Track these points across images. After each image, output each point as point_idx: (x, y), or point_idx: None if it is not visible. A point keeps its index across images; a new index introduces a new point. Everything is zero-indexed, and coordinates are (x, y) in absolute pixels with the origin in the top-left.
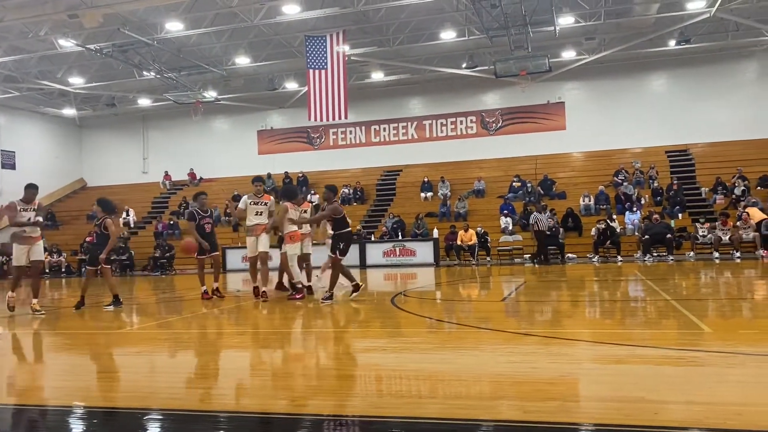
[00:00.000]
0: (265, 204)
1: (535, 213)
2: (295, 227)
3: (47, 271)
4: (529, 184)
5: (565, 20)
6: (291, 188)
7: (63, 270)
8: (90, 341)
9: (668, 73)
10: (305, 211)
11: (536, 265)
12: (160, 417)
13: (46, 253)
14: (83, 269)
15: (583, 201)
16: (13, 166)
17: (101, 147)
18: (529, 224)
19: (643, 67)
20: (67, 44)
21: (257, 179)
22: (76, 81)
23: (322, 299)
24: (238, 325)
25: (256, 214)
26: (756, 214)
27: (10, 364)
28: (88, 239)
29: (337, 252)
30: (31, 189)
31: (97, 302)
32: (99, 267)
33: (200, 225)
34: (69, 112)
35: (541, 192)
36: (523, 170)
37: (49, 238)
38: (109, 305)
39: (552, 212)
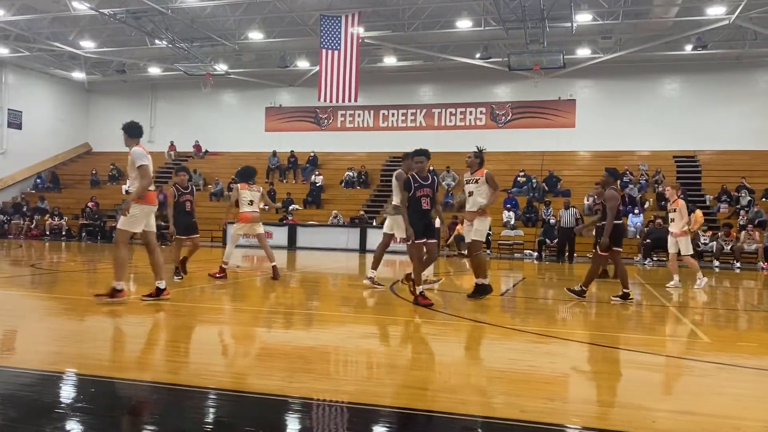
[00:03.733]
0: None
1: (561, 210)
2: (243, 209)
3: (48, 233)
4: (534, 180)
5: (583, 17)
6: (245, 169)
7: (63, 233)
8: (87, 308)
9: (681, 78)
10: (258, 190)
11: (561, 263)
12: (151, 389)
13: (47, 215)
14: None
15: (587, 200)
16: (19, 126)
17: (108, 113)
18: (544, 220)
19: (657, 69)
20: (80, 7)
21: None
22: (88, 45)
23: (569, 289)
24: (234, 301)
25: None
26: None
27: (2, 326)
28: (90, 204)
29: (598, 247)
30: None
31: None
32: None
33: (416, 198)
34: (78, 75)
35: (546, 188)
36: (529, 165)
37: (51, 201)
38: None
39: (574, 210)
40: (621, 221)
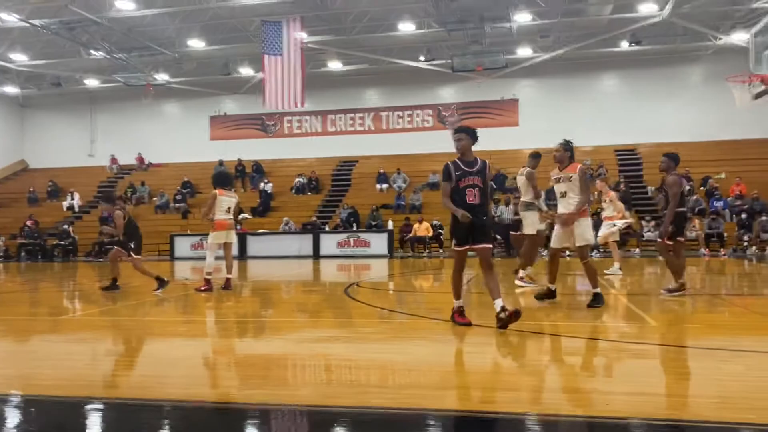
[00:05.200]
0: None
1: (501, 206)
2: (220, 216)
3: None
4: None
5: (522, 17)
6: (223, 174)
7: (1, 254)
8: (29, 328)
9: (619, 74)
10: (235, 197)
11: (513, 257)
12: (101, 406)
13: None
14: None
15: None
16: None
17: (45, 128)
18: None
19: (595, 66)
20: (9, 18)
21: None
22: (20, 58)
23: (665, 290)
24: (185, 313)
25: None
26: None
27: None
28: (29, 223)
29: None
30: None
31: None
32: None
33: (459, 189)
34: (11, 90)
35: (494, 187)
36: None
37: None
38: (158, 289)
39: (514, 207)
40: (684, 209)
